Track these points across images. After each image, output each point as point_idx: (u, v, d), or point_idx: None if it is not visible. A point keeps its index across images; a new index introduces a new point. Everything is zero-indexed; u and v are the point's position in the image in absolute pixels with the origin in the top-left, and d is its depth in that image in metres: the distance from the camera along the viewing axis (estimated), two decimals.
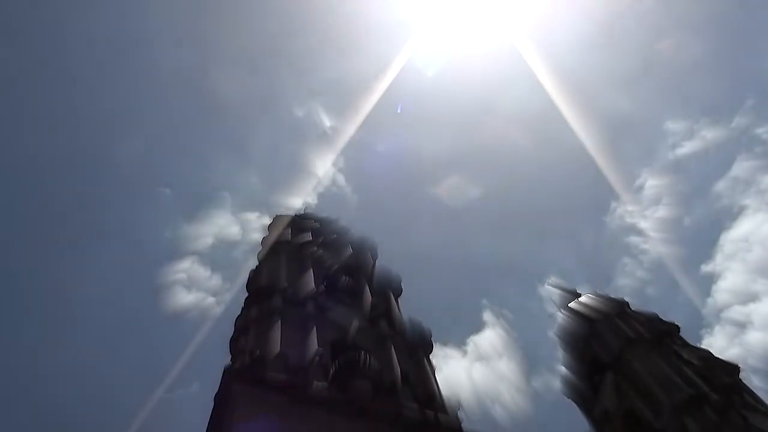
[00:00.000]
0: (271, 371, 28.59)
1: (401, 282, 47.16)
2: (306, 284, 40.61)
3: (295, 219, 55.12)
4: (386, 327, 37.87)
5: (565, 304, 63.31)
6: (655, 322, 56.16)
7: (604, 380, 50.63)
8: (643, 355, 49.80)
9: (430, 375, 34.32)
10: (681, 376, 46.89)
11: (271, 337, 32.65)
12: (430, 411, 29.80)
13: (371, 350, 34.97)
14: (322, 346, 34.01)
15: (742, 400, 46.28)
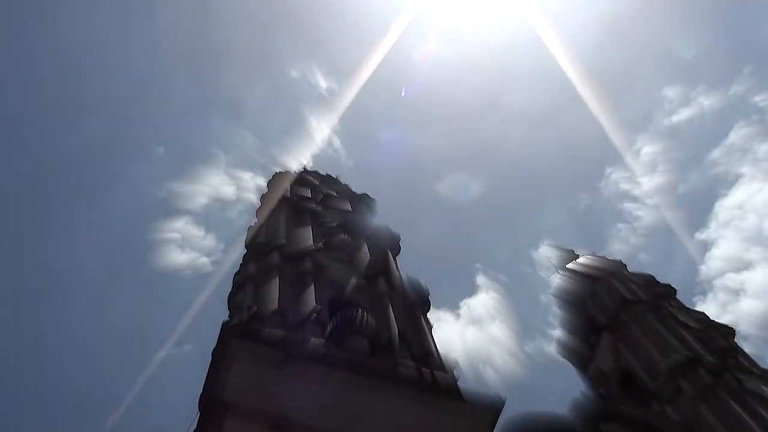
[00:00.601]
0: (269, 327, 28.64)
1: (399, 240, 47.15)
2: (304, 241, 40.63)
3: (294, 176, 55.03)
4: (384, 285, 37.89)
5: (563, 265, 63.44)
6: (652, 284, 56.35)
7: (600, 341, 50.84)
8: (640, 316, 49.99)
9: (427, 333, 34.39)
10: (677, 338, 47.10)
11: (268, 294, 32.72)
12: (426, 369, 29.87)
13: (368, 308, 35.02)
14: (320, 303, 34.06)
15: (737, 363, 46.50)
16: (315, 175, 58.36)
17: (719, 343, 48.65)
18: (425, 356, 31.43)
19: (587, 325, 54.09)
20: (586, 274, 58.69)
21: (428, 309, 37.93)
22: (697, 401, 41.22)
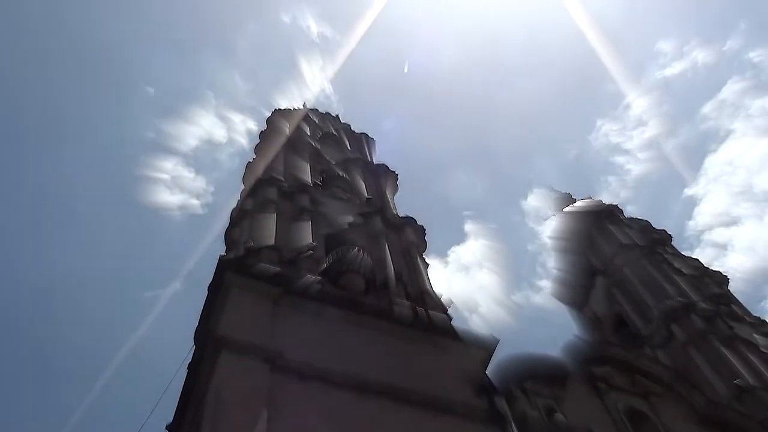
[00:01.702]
0: (265, 262, 28.71)
1: (397, 180, 47.14)
2: (302, 178, 40.60)
3: (294, 114, 54.84)
4: (381, 223, 37.93)
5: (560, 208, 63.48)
6: (647, 229, 56.45)
7: (594, 285, 51.06)
8: (635, 261, 50.14)
9: (422, 273, 34.49)
10: (671, 284, 47.28)
11: (265, 229, 32.75)
12: (421, 308, 30.00)
13: (365, 246, 35.08)
14: (316, 240, 34.13)
15: (730, 310, 46.75)
16: (315, 113, 58.18)
17: (713, 291, 48.89)
18: (420, 295, 31.56)
19: (582, 269, 54.28)
20: (582, 218, 58.75)
21: (424, 249, 38.03)
22: (689, 347, 41.52)
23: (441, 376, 26.25)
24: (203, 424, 21.54)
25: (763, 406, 35.38)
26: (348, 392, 23.53)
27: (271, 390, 22.13)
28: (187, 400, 25.05)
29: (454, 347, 28.16)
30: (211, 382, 22.75)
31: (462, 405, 24.92)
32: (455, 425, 24.07)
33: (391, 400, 23.94)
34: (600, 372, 30.91)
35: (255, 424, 20.54)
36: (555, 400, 28.12)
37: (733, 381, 38.00)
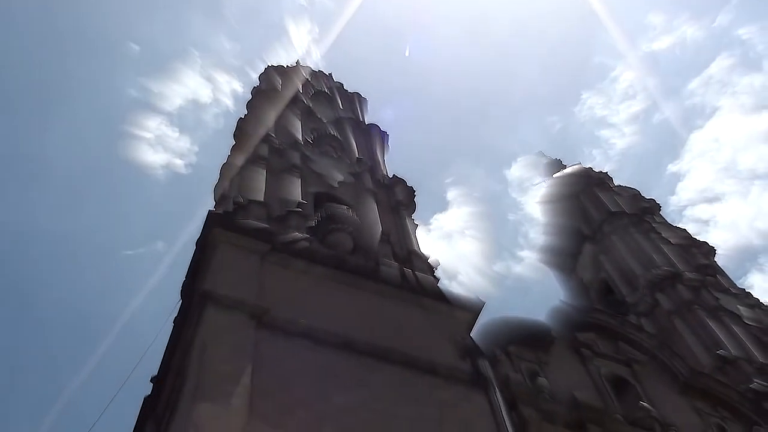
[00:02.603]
0: (254, 218, 28.67)
1: (388, 139, 47.03)
2: (293, 134, 40.45)
3: (287, 70, 54.52)
4: (370, 183, 37.90)
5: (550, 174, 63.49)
6: (637, 198, 56.53)
7: (582, 251, 51.18)
8: (623, 229, 50.26)
9: (410, 233, 34.49)
10: (658, 253, 47.45)
11: (255, 185, 32.67)
12: (408, 268, 30.04)
13: (354, 205, 35.07)
14: (306, 197, 34.07)
15: (715, 281, 46.97)
16: (308, 70, 57.82)
17: (700, 261, 49.09)
18: (408, 256, 31.59)
19: (570, 235, 54.39)
20: (572, 184, 58.78)
21: (413, 210, 38.00)
22: (674, 316, 41.74)
23: (426, 337, 26.33)
24: (188, 378, 21.61)
25: (744, 377, 35.64)
26: (332, 350, 23.60)
27: (256, 345, 22.19)
28: (173, 354, 25.09)
29: (439, 309, 28.21)
30: (197, 336, 22.77)
31: (446, 366, 25.01)
32: (438, 386, 24.17)
33: (375, 359, 24.02)
34: (584, 338, 31.05)
35: (239, 378, 20.59)
36: (538, 364, 28.28)
37: (716, 351, 38.25)
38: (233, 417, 19.28)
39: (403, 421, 21.87)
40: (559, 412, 25.83)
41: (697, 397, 30.94)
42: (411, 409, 22.54)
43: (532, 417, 24.72)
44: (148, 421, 25.86)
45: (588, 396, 27.28)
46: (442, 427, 22.35)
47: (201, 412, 19.14)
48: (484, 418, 23.62)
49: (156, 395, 25.68)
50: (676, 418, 28.66)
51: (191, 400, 19.66)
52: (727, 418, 30.53)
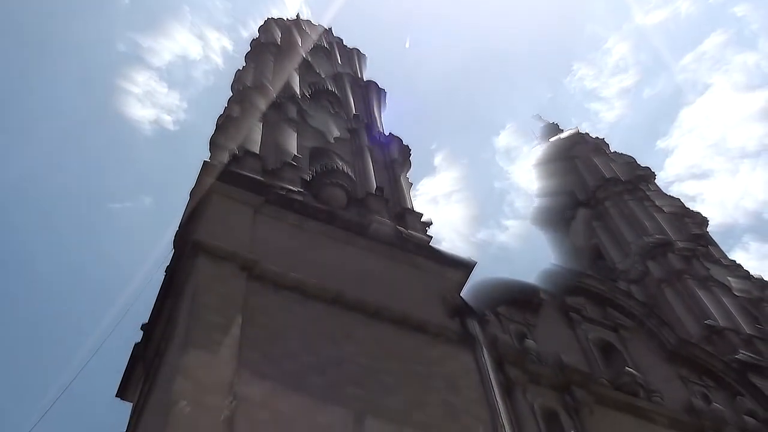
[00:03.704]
0: (248, 170, 28.63)
1: (386, 96, 46.86)
2: (291, 88, 40.28)
3: (287, 23, 54.17)
4: (366, 139, 37.83)
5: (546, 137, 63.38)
6: (632, 165, 56.51)
7: (576, 216, 51.22)
8: (617, 196, 50.28)
9: (404, 191, 34.51)
10: (651, 221, 47.53)
11: (250, 137, 32.60)
12: (400, 226, 30.09)
13: (349, 161, 35.06)
14: (301, 152, 34.02)
15: (707, 251, 47.12)
16: (308, 24, 57.45)
17: (692, 231, 49.20)
18: (401, 214, 31.62)
19: (564, 199, 54.39)
20: (567, 148, 58.71)
21: (408, 168, 38.00)
22: (664, 284, 41.90)
23: (416, 294, 26.43)
24: (178, 326, 21.71)
25: (731, 348, 35.89)
26: (322, 304, 23.70)
27: (246, 297, 22.28)
28: (163, 303, 25.19)
29: (431, 267, 28.28)
30: (188, 286, 22.87)
31: (434, 324, 25.13)
32: (426, 343, 24.31)
33: (364, 314, 24.13)
34: (573, 302, 31.19)
35: (228, 328, 20.69)
36: (527, 326, 28.43)
37: (704, 321, 38.45)
38: (221, 366, 19.39)
39: (389, 376, 22.01)
40: (545, 374, 26.04)
41: (683, 365, 31.16)
42: (398, 365, 22.67)
43: (518, 378, 24.91)
44: (138, 366, 26.05)
45: (574, 359, 27.46)
46: (428, 383, 22.50)
47: (190, 359, 19.25)
48: (471, 376, 23.77)
49: (146, 342, 25.83)
50: (660, 384, 28.89)
51: (180, 348, 19.76)
52: (712, 387, 30.78)
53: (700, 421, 27.61)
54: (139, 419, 23.46)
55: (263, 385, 19.63)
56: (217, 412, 17.94)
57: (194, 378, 18.64)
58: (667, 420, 27.18)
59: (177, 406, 17.64)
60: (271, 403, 19.18)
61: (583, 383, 26.17)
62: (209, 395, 18.32)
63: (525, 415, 23.58)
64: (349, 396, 20.62)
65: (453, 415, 21.73)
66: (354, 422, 19.83)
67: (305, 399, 19.82)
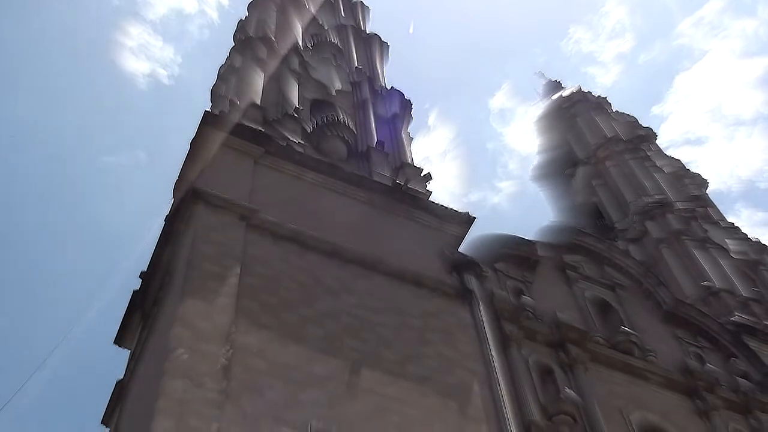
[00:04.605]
0: (249, 121, 28.51)
1: (389, 49, 46.58)
2: (294, 39, 40.01)
3: None
4: (368, 92, 37.65)
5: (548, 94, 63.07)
6: (633, 125, 56.31)
7: (575, 174, 51.13)
8: (617, 155, 50.15)
9: (405, 145, 34.44)
10: (651, 182, 47.47)
11: (252, 88, 32.43)
12: (400, 180, 30.05)
13: (350, 114, 34.94)
14: (302, 103, 33.90)
15: (705, 213, 47.12)
16: None
17: (691, 192, 49.17)
18: (401, 167, 31.54)
19: (564, 157, 54.24)
20: (569, 106, 58.42)
21: (410, 122, 37.89)
22: (662, 245, 41.94)
23: (414, 248, 26.48)
24: (176, 276, 21.80)
25: (727, 310, 36.01)
26: (320, 256, 23.77)
27: (244, 246, 22.34)
28: (162, 252, 25.20)
29: (430, 222, 28.30)
30: (187, 235, 22.93)
31: (432, 279, 25.21)
32: (423, 297, 24.40)
33: (362, 267, 24.20)
34: (571, 260, 31.25)
35: (226, 277, 20.78)
36: (524, 282, 28.49)
37: (701, 282, 38.54)
38: (219, 315, 19.49)
39: (385, 329, 22.14)
40: (541, 330, 26.16)
41: (678, 325, 31.28)
42: (394, 317, 22.79)
43: (513, 333, 25.02)
44: (136, 314, 26.15)
45: (570, 317, 27.55)
46: (424, 337, 22.63)
47: (187, 308, 19.35)
48: (466, 331, 23.90)
49: (144, 290, 25.89)
50: (655, 344, 29.04)
51: (178, 297, 19.86)
52: (706, 348, 30.94)
53: (693, 381, 27.75)
54: (136, 366, 23.63)
55: (260, 334, 19.75)
56: (214, 360, 18.06)
57: (192, 326, 18.75)
58: (661, 379, 27.36)
59: (174, 354, 17.76)
60: (267, 352, 19.29)
61: (578, 341, 26.31)
62: (206, 343, 18.44)
63: (520, 370, 23.69)
64: (346, 347, 20.76)
65: (448, 368, 21.87)
66: (350, 373, 19.98)
67: (302, 349, 19.95)
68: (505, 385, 22.20)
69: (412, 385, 20.59)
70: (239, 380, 18.00)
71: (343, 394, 19.26)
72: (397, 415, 19.39)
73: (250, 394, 17.83)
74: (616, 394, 25.60)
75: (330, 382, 19.38)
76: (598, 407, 23.89)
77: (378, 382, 20.13)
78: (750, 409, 28.03)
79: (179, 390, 16.79)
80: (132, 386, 23.22)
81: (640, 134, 54.51)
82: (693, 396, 27.45)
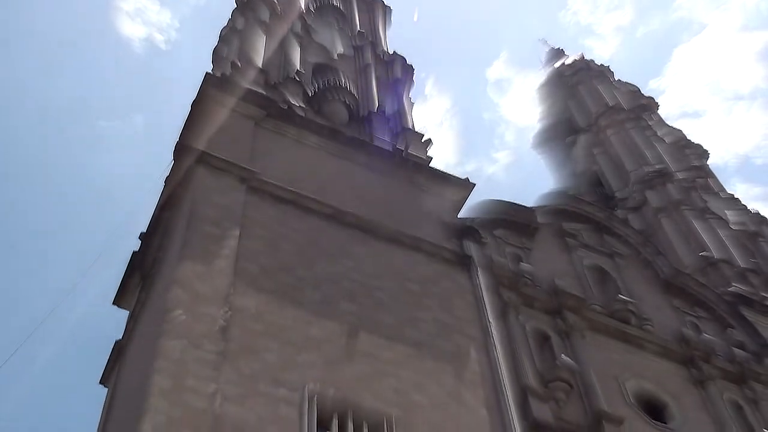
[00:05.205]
0: (251, 83, 28.43)
1: (392, 14, 46.27)
2: (296, 2, 39.75)
3: None
4: (370, 56, 37.47)
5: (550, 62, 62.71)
6: (636, 94, 56.04)
7: (576, 143, 50.97)
8: (619, 124, 49.94)
9: (407, 111, 34.32)
10: (651, 151, 47.33)
11: (254, 50, 32.28)
12: (401, 144, 30.02)
13: (352, 78, 34.80)
14: (305, 67, 33.77)
15: (705, 183, 47.02)
16: None
17: (692, 162, 49.04)
18: (402, 132, 31.47)
19: (565, 125, 54.03)
20: (571, 74, 58.09)
21: (411, 88, 37.76)
22: (661, 214, 41.88)
23: (414, 213, 26.52)
24: (175, 237, 21.84)
25: (724, 280, 36.03)
26: (319, 219, 23.83)
27: (244, 209, 22.37)
28: (162, 214, 25.25)
29: (430, 187, 28.31)
30: (186, 197, 22.98)
31: (431, 244, 25.26)
32: (422, 262, 24.48)
33: (362, 231, 24.26)
34: (570, 227, 31.26)
35: (225, 240, 20.84)
36: (523, 249, 28.52)
37: (700, 253, 38.54)
38: (217, 277, 19.58)
39: (383, 293, 22.23)
40: (538, 297, 26.25)
41: (675, 295, 31.33)
42: (392, 282, 22.88)
43: (511, 300, 25.12)
44: (135, 275, 26.24)
45: (568, 284, 27.61)
46: (421, 302, 22.71)
47: (186, 270, 19.44)
48: (464, 296, 23.99)
49: (144, 251, 25.96)
50: (652, 313, 29.10)
51: (177, 258, 19.95)
52: (703, 318, 30.99)
53: (689, 351, 27.85)
54: (135, 326, 23.75)
55: (258, 297, 19.84)
56: (212, 321, 18.17)
57: (190, 288, 18.85)
58: (657, 348, 27.47)
59: (172, 315, 17.87)
60: (265, 314, 19.40)
61: (575, 308, 26.41)
62: (205, 305, 18.55)
63: (517, 336, 23.80)
64: (343, 311, 20.87)
65: (445, 333, 21.98)
66: (347, 336, 20.09)
67: (299, 312, 20.05)
68: (501, 351, 22.32)
69: (408, 349, 20.71)
70: (237, 342, 18.11)
71: (340, 357, 19.37)
72: (394, 378, 19.52)
73: (248, 356, 17.94)
74: (612, 362, 25.70)
75: (327, 344, 19.49)
76: (593, 374, 24.03)
77: (375, 346, 20.24)
78: (745, 379, 28.13)
79: (177, 350, 16.92)
80: (130, 347, 23.36)
81: (642, 103, 54.23)
82: (689, 365, 27.55)
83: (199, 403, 16.00)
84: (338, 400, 17.95)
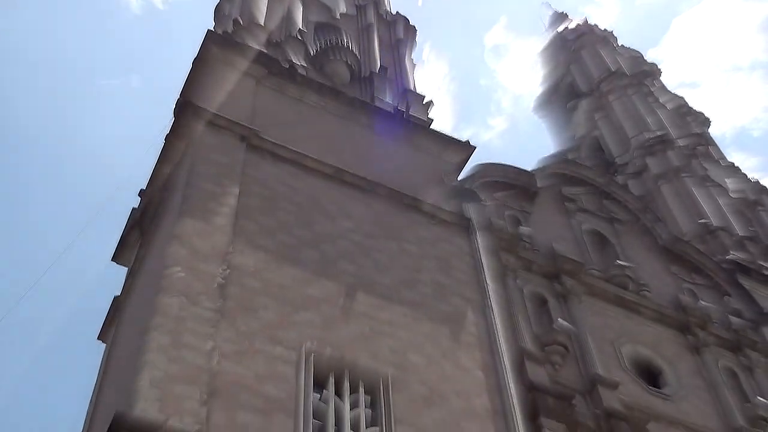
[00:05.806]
0: (252, 41, 28.28)
1: None
2: None
3: None
4: (373, 16, 37.22)
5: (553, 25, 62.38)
6: (638, 60, 55.82)
7: (577, 108, 50.82)
8: (621, 90, 49.74)
9: (408, 71, 34.19)
10: (653, 118, 47.21)
11: (256, 8, 32.06)
12: (402, 105, 29.90)
13: (354, 38, 34.61)
14: (307, 26, 33.58)
15: (706, 151, 46.99)
16: None
17: (693, 130, 48.95)
18: (403, 93, 31.37)
19: (567, 89, 53.90)
20: (574, 38, 57.80)
21: (414, 48, 37.55)
22: (661, 181, 41.87)
23: (414, 175, 26.45)
24: (175, 195, 21.79)
25: (723, 248, 36.09)
26: (319, 179, 23.78)
27: (244, 167, 22.31)
28: (161, 170, 25.17)
29: (430, 149, 28.24)
30: (186, 154, 22.91)
31: (430, 206, 25.22)
32: (421, 224, 24.46)
33: (361, 192, 24.22)
34: (569, 192, 31.26)
35: (225, 197, 20.80)
36: (522, 212, 28.55)
37: (699, 220, 38.56)
38: (216, 234, 19.56)
39: (382, 254, 22.24)
40: (537, 260, 26.30)
41: (673, 262, 31.42)
42: (391, 243, 22.88)
43: (510, 263, 25.16)
44: (134, 232, 26.23)
45: (567, 248, 27.67)
46: (420, 263, 22.73)
47: (185, 227, 19.41)
48: (463, 259, 24.01)
49: (143, 208, 25.93)
50: (650, 279, 29.20)
51: (176, 215, 19.91)
52: (701, 285, 31.10)
53: (686, 317, 27.95)
54: (133, 283, 23.77)
55: (257, 255, 19.83)
56: (210, 278, 18.17)
57: (189, 245, 18.83)
58: (653, 314, 27.57)
59: (171, 271, 17.86)
60: (264, 273, 19.40)
61: (573, 272, 26.47)
62: (203, 262, 18.54)
63: (515, 300, 23.88)
64: (342, 271, 20.87)
65: (443, 295, 22.02)
66: (345, 296, 20.11)
67: (298, 271, 20.05)
68: (499, 314, 22.35)
69: (406, 310, 20.74)
70: (235, 299, 18.13)
71: (337, 317, 19.40)
72: (391, 338, 19.56)
73: (245, 314, 17.96)
74: (609, 327, 25.83)
75: (325, 304, 19.52)
76: (590, 339, 24.16)
77: (372, 306, 20.28)
78: (741, 347, 28.27)
79: (175, 307, 16.92)
80: (129, 303, 23.38)
81: (645, 69, 54.01)
82: (685, 331, 27.67)
83: (197, 360, 16.02)
84: (335, 359, 18.00)
